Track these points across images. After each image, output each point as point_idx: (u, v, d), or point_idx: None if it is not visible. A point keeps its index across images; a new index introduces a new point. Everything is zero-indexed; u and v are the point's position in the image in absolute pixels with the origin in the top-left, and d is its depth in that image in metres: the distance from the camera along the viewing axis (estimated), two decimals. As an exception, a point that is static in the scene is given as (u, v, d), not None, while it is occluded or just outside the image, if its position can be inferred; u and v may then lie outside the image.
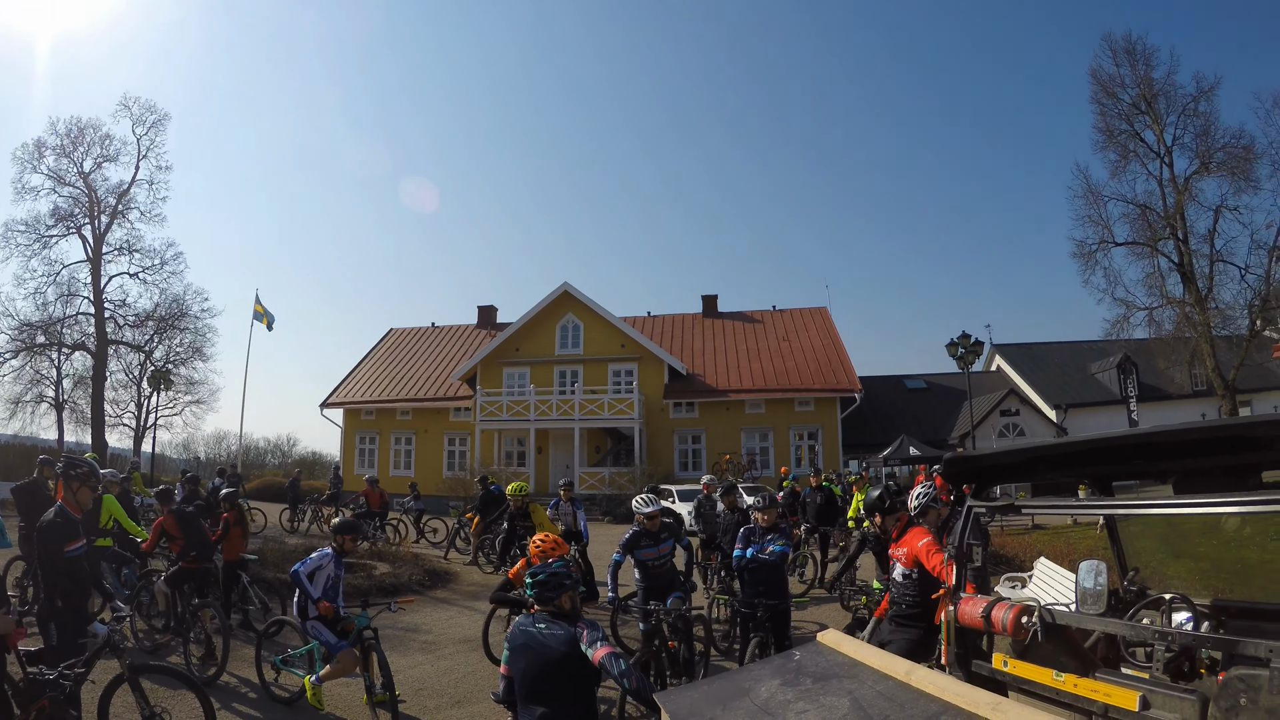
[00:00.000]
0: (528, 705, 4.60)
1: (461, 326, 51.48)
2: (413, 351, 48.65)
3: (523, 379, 41.61)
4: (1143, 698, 3.63)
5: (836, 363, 41.84)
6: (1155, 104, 36.45)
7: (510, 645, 4.73)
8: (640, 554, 8.99)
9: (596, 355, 41.86)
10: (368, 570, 16.08)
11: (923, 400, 46.96)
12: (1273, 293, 34.02)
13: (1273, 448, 3.56)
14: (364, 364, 47.99)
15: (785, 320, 47.17)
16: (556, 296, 42.34)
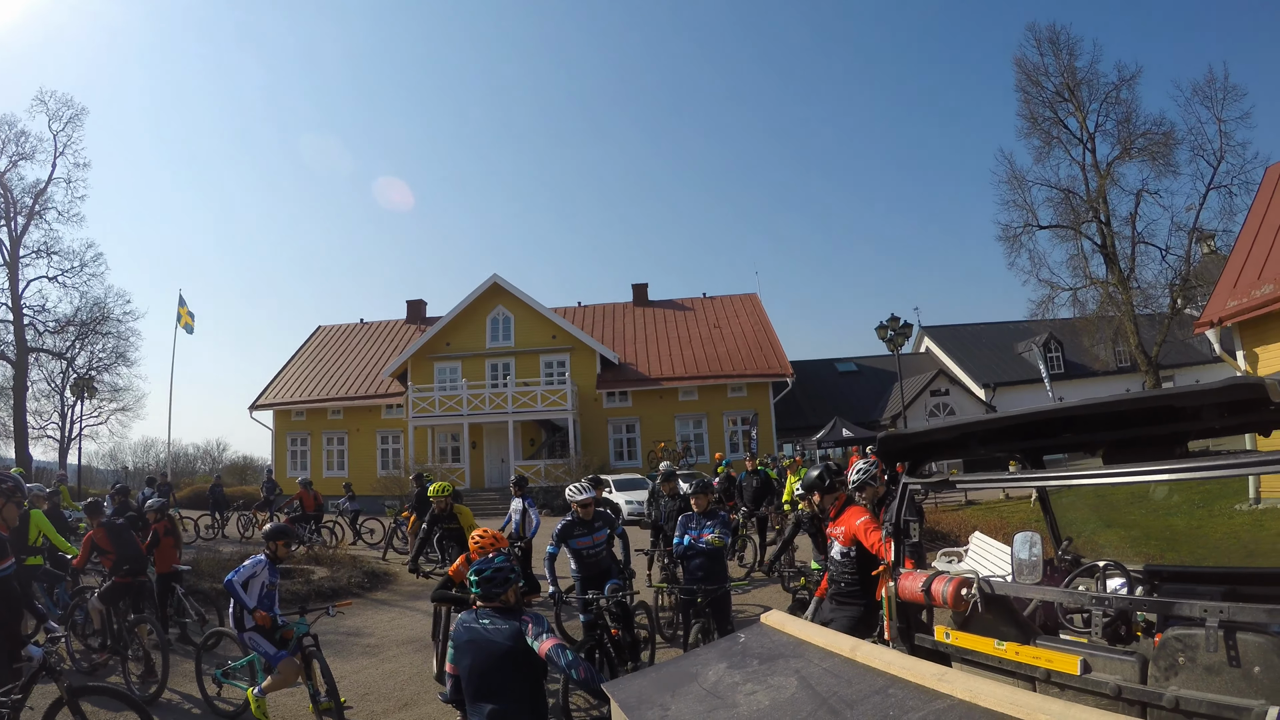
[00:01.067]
0: (476, 702, 4.58)
1: (391, 322, 50.88)
2: (342, 349, 47.92)
3: (454, 373, 41.34)
4: (1083, 661, 3.69)
5: (768, 348, 42.21)
6: (1078, 92, 37.57)
7: (455, 643, 4.70)
8: (574, 543, 8.95)
9: (528, 347, 41.68)
10: (305, 575, 15.89)
11: (854, 383, 47.58)
12: (1193, 272, 35.16)
13: (1196, 417, 3.63)
14: (293, 363, 47.12)
15: (716, 307, 47.44)
16: (486, 289, 42.04)
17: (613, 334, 45.18)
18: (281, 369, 46.65)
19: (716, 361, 41.61)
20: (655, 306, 48.35)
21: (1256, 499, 17.54)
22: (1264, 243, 18.19)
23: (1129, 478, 3.94)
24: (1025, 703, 2.58)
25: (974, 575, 4.47)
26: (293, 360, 47.48)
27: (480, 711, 4.54)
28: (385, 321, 51.12)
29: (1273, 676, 3.08)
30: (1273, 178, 20.30)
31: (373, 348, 47.44)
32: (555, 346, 41.60)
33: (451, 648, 4.71)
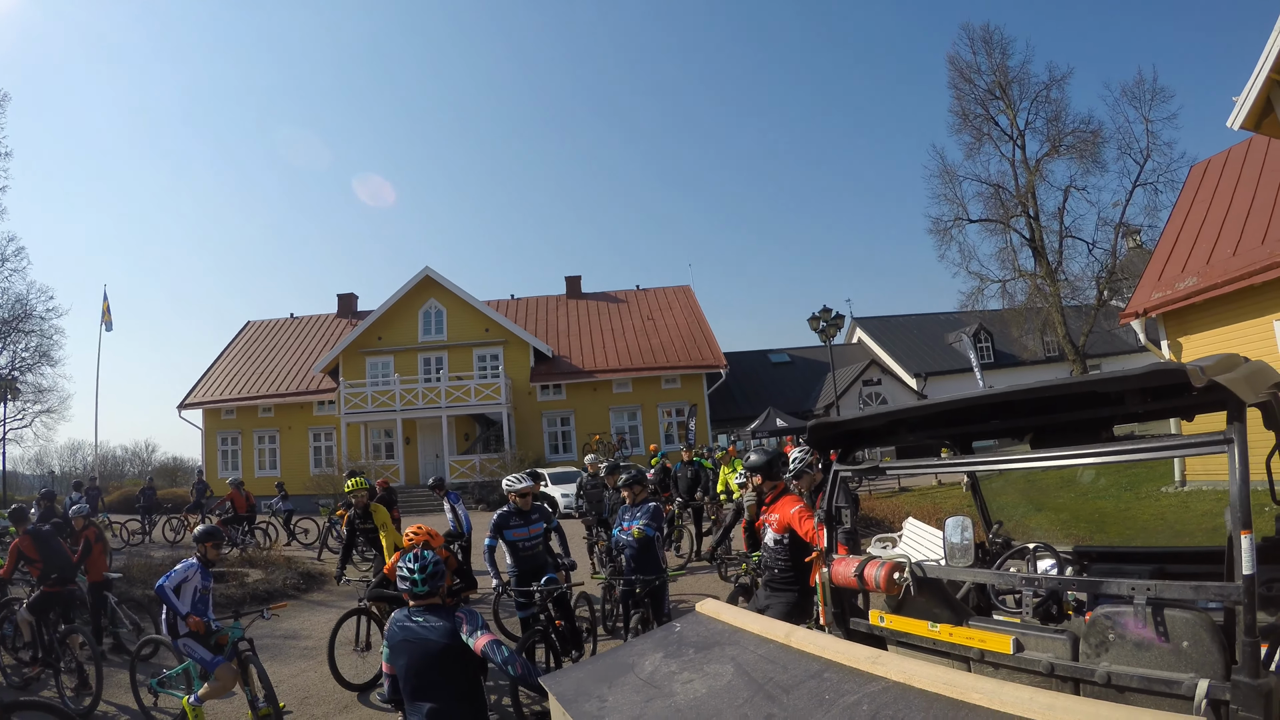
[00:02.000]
0: (414, 701, 4.55)
1: (321, 316, 50.01)
2: (272, 345, 46.93)
3: (386, 368, 40.90)
4: (1016, 640, 3.75)
5: (701, 340, 42.41)
6: (1009, 90, 38.61)
7: (389, 642, 4.66)
8: (510, 534, 8.89)
9: (461, 340, 41.40)
10: (239, 578, 15.66)
11: (787, 373, 48.05)
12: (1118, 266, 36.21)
13: (1121, 403, 3.70)
14: (222, 360, 45.94)
15: (649, 299, 47.59)
16: (418, 282, 41.63)
17: (546, 327, 44.99)
18: (210, 366, 45.45)
19: (650, 353, 41.73)
20: (589, 299, 48.31)
21: (1182, 482, 18.01)
22: (1188, 238, 18.82)
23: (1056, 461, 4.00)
24: (959, 682, 2.60)
25: (906, 560, 4.51)
26: (222, 357, 46.34)
27: (419, 710, 4.51)
28: (316, 316, 50.21)
29: (1201, 651, 3.14)
30: (1197, 176, 21.03)
31: (303, 343, 46.60)
32: (488, 340, 41.36)
33: (386, 647, 4.68)
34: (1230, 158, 19.92)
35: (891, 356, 47.47)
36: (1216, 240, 17.67)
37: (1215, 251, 17.37)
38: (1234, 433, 3.07)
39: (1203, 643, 3.16)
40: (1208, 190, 19.68)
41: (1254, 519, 2.92)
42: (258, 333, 48.71)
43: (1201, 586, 3.18)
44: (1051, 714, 2.29)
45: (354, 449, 38.44)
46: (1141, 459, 3.62)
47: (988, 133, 39.02)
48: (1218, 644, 3.13)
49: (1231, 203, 18.25)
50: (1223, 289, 16.11)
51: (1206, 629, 3.17)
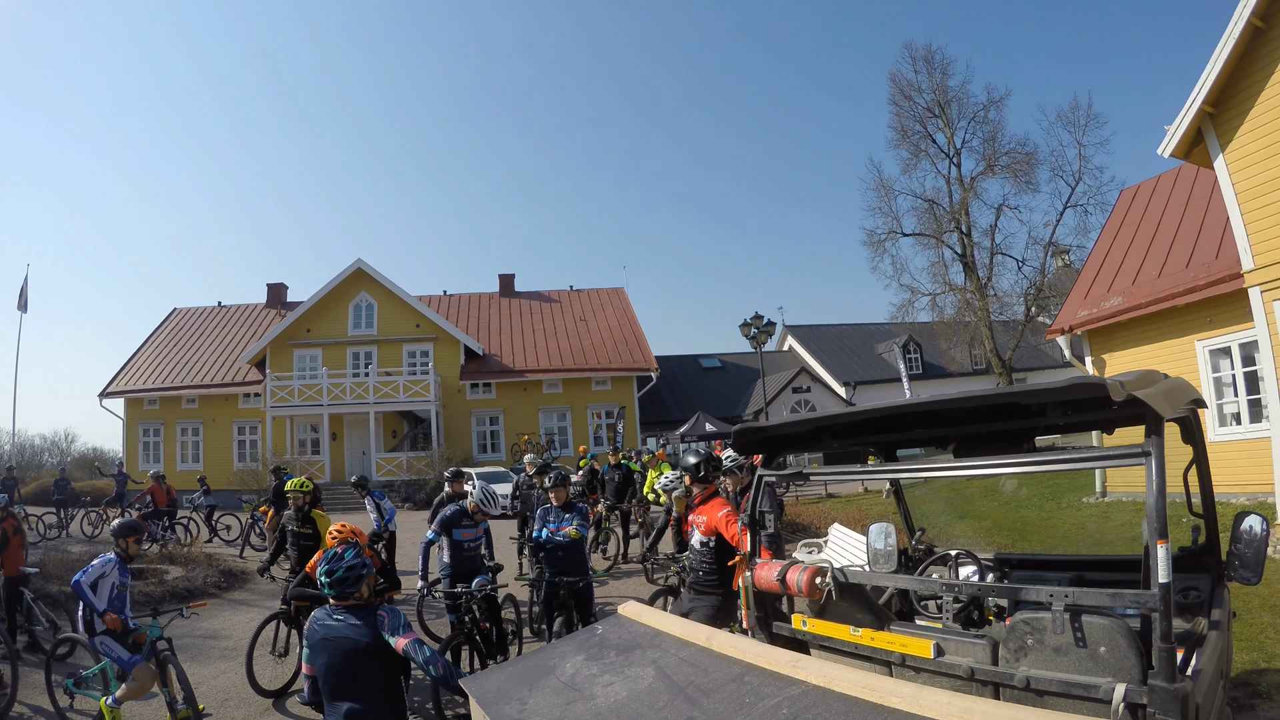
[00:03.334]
0: (333, 701, 4.47)
1: (250, 306, 48.89)
2: (199, 333, 45.66)
3: (315, 361, 40.23)
4: (936, 645, 3.79)
5: (633, 342, 42.47)
6: (948, 109, 39.63)
7: (309, 642, 4.56)
8: (458, 534, 8.89)
9: (391, 335, 40.96)
10: (158, 575, 15.26)
11: (718, 378, 48.41)
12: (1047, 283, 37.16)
13: (1042, 414, 3.76)
14: (146, 348, 44.54)
15: (582, 300, 47.58)
16: (349, 274, 41.07)
17: (478, 324, 44.73)
18: (134, 354, 44.05)
19: (582, 354, 41.71)
20: (522, 298, 48.11)
21: (1102, 493, 18.55)
22: (1115, 259, 19.43)
23: (979, 470, 4.06)
24: (878, 686, 2.61)
25: (828, 564, 4.53)
26: (146, 344, 44.95)
27: (337, 711, 4.44)
28: (245, 305, 49.07)
29: (1118, 655, 3.20)
30: (1126, 199, 21.74)
31: (231, 333, 45.50)
32: (419, 336, 41.00)
33: (306, 647, 4.58)
34: (1160, 184, 20.51)
35: (822, 365, 48.05)
36: (1142, 262, 18.18)
37: (1141, 273, 17.88)
38: (1152, 446, 3.13)
39: (1120, 648, 3.21)
40: (1136, 214, 20.27)
41: (1170, 529, 2.98)
42: (184, 320, 47.40)
43: (1119, 594, 3.24)
44: (969, 717, 2.30)
45: (279, 444, 37.85)
46: (1062, 469, 3.69)
47: (925, 149, 39.95)
48: (1134, 649, 3.19)
49: (1159, 227, 18.79)
50: (1147, 309, 16.61)
51: (1123, 635, 3.22)
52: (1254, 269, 11.97)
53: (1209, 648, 3.64)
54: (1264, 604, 8.95)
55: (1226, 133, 12.52)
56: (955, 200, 39.07)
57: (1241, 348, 15.27)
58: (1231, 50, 11.97)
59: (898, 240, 40.64)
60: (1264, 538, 4.16)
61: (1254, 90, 12.07)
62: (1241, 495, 14.34)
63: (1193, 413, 4.29)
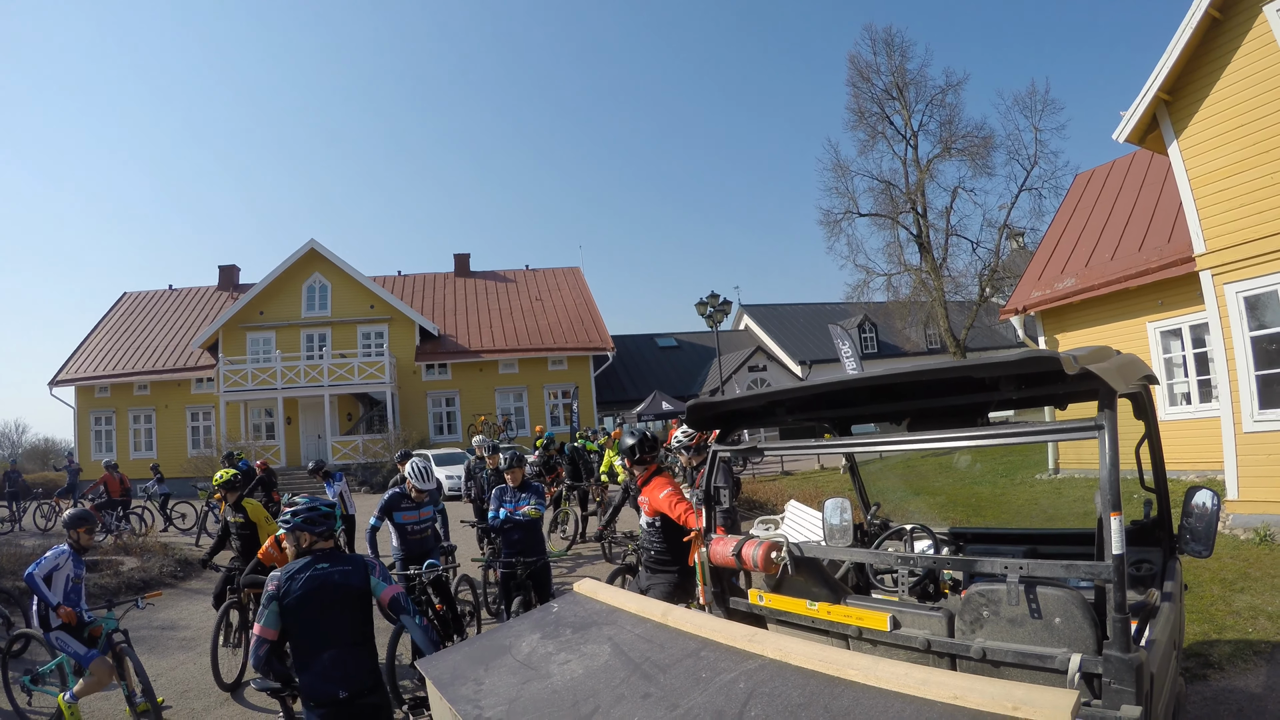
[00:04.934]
0: (314, 651, 4.45)
1: (202, 288, 48.25)
2: (149, 318, 45.04)
3: (268, 344, 39.85)
4: (893, 618, 3.81)
5: (589, 321, 42.51)
6: (906, 92, 39.90)
7: (289, 596, 4.46)
8: (399, 517, 8.80)
9: (345, 317, 40.69)
10: (113, 567, 15.03)
11: (674, 358, 48.55)
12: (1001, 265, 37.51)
13: (995, 388, 3.78)
14: (96, 334, 43.84)
15: (538, 280, 47.56)
16: (302, 255, 40.70)
17: (433, 305, 44.62)
18: (84, 340, 43.32)
19: (538, 334, 41.72)
20: (477, 278, 48.02)
21: (1055, 469, 18.87)
22: (1069, 241, 19.73)
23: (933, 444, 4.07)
24: (835, 659, 2.61)
25: (784, 539, 4.54)
26: (96, 330, 44.21)
27: (319, 660, 4.43)
28: (196, 288, 48.43)
29: (1073, 626, 3.24)
30: (1081, 184, 22.04)
31: (182, 316, 44.91)
32: (374, 317, 40.77)
33: (276, 607, 4.45)
34: (1114, 169, 20.78)
35: (778, 344, 48.32)
36: (1096, 245, 18.45)
37: (1094, 255, 18.13)
38: (1105, 419, 3.15)
39: (1074, 619, 3.24)
40: (1090, 198, 20.56)
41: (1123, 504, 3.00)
42: (135, 305, 46.70)
43: (1073, 565, 3.27)
44: (926, 688, 2.31)
45: (233, 429, 37.46)
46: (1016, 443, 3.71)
47: (882, 131, 40.15)
48: (1089, 620, 3.22)
49: (1112, 211, 19.07)
50: (1099, 290, 16.90)
51: (1078, 606, 3.25)
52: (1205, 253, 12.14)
53: (1162, 619, 3.69)
54: (1214, 577, 9.12)
55: (1181, 120, 12.67)
56: (912, 182, 39.32)
57: (1192, 329, 15.61)
58: (1189, 39, 12.11)
59: (854, 220, 40.85)
60: (1215, 512, 4.22)
61: (1209, 79, 12.23)
62: (1191, 473, 14.67)
63: (1145, 389, 4.33)
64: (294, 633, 4.49)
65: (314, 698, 4.42)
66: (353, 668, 4.49)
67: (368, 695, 4.51)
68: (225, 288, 47.76)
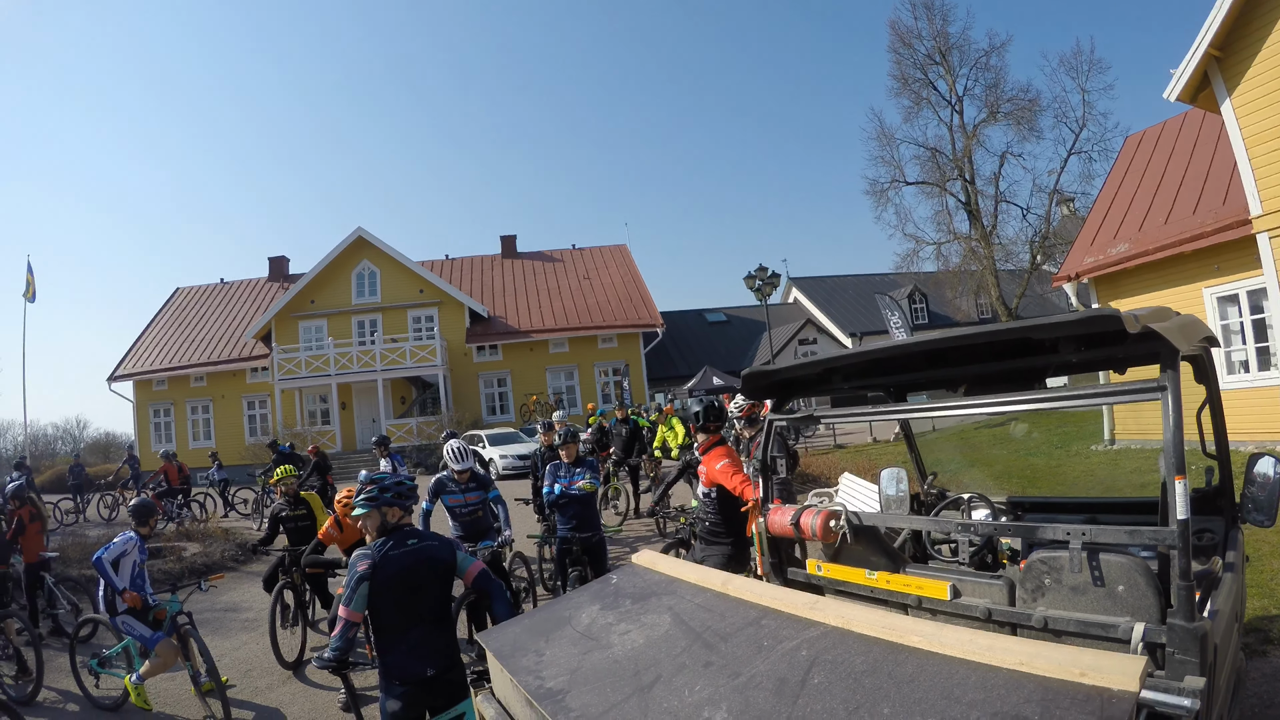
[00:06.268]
0: (403, 629, 4.46)
1: (252, 281, 49.08)
2: (203, 311, 45.89)
3: (320, 332, 40.37)
4: (953, 586, 3.77)
5: (638, 298, 42.49)
6: (949, 56, 38.98)
7: (378, 576, 4.41)
8: (447, 500, 8.84)
9: (395, 302, 41.00)
10: (177, 552, 15.37)
11: (723, 332, 48.40)
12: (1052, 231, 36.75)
13: (1054, 350, 3.72)
14: (151, 329, 44.85)
15: (585, 259, 47.56)
16: (350, 243, 41.08)
17: (482, 287, 44.80)
18: (139, 336, 44.35)
19: (587, 313, 41.76)
20: (524, 258, 48.12)
21: (1111, 440, 18.48)
22: (1120, 206, 19.25)
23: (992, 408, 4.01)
24: (897, 626, 2.60)
25: (842, 507, 4.51)
26: (151, 326, 45.25)
27: (406, 640, 4.44)
28: (247, 280, 49.26)
29: (1136, 594, 3.18)
30: (1132, 146, 21.42)
31: (235, 309, 45.71)
32: (423, 301, 41.06)
33: (367, 588, 4.38)
34: (1165, 130, 20.26)
35: (827, 316, 48.00)
36: (1149, 209, 18.03)
37: (1147, 220, 17.73)
38: (1168, 380, 3.09)
39: (1138, 587, 3.19)
40: (1142, 160, 20.06)
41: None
42: (188, 300, 47.62)
43: (1136, 530, 3.21)
44: (991, 654, 2.29)
45: (289, 416, 38.03)
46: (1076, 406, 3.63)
47: (926, 97, 39.49)
48: (1153, 588, 3.17)
49: (1165, 173, 18.60)
50: (1154, 255, 16.52)
51: (1142, 573, 3.20)
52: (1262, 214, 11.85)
53: (1225, 589, 3.59)
54: (1275, 550, 8.86)
55: (1233, 76, 12.36)
56: (958, 148, 38.71)
57: (1250, 295, 15.15)
58: (1237, -8, 11.80)
59: (901, 189, 40.34)
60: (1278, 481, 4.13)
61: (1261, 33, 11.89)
62: (1250, 443, 14.18)
63: (1206, 351, 4.24)
64: (383, 612, 4.46)
65: (400, 676, 4.41)
66: (439, 645, 4.52)
67: (449, 671, 4.53)
68: (276, 279, 48.41)
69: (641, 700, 2.57)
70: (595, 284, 44.31)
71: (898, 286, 47.59)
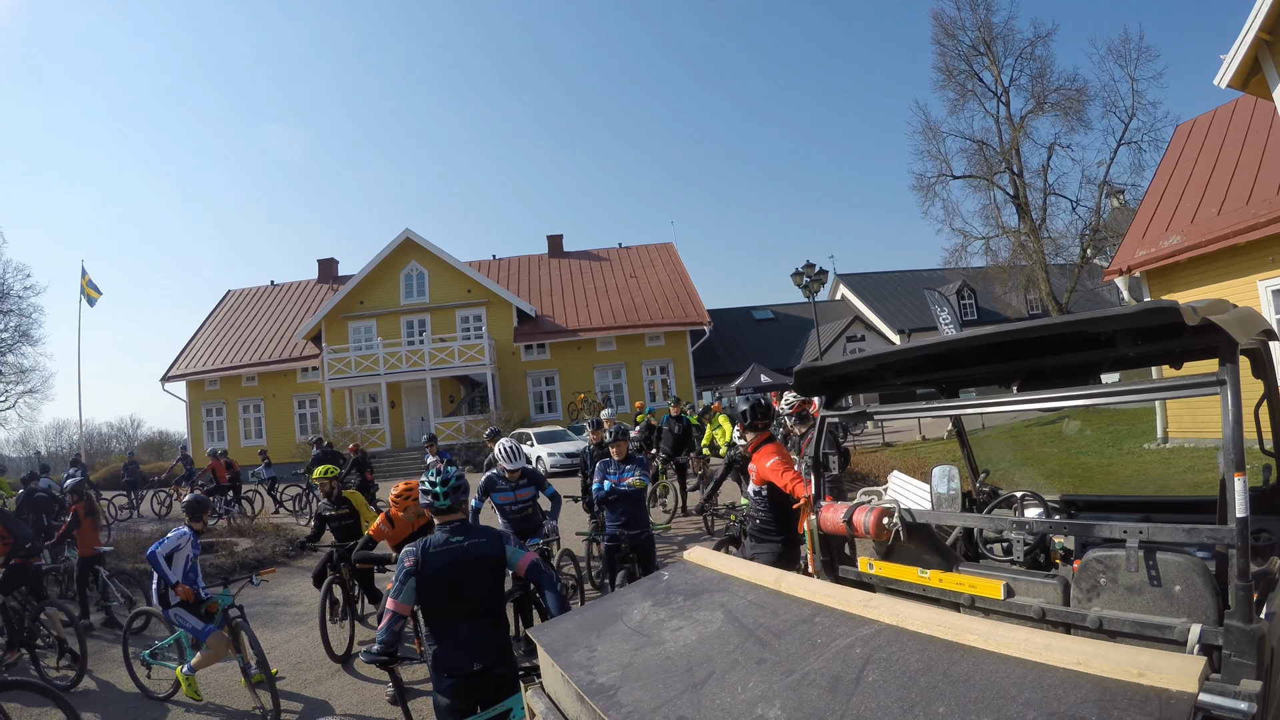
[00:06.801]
0: (451, 623, 4.51)
1: (302, 283, 49.76)
2: (253, 313, 46.68)
3: (369, 332, 40.74)
4: (1006, 585, 3.73)
5: (685, 296, 42.38)
6: (994, 46, 38.22)
7: (426, 570, 4.49)
8: (497, 498, 8.89)
9: (443, 302, 41.25)
10: (229, 547, 15.69)
11: (771, 330, 48.20)
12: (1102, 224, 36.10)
13: (1111, 344, 3.66)
14: (203, 331, 45.68)
15: (632, 257, 47.53)
16: (398, 244, 41.40)
17: (529, 286, 44.91)
18: (192, 337, 45.18)
19: (634, 311, 41.75)
20: (571, 258, 48.22)
21: (1164, 439, 18.15)
22: (1172, 196, 18.84)
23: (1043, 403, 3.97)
24: (952, 624, 2.58)
25: (895, 504, 4.48)
26: (203, 328, 46.05)
27: (455, 634, 4.49)
28: (296, 282, 49.94)
29: (1193, 594, 3.13)
30: (1182, 135, 20.93)
31: (285, 310, 46.39)
32: (471, 301, 41.26)
33: (414, 583, 4.47)
34: (1216, 118, 19.84)
35: (875, 313, 47.63)
36: (1201, 199, 17.67)
37: (1200, 211, 17.39)
38: (1226, 374, 3.04)
39: (1195, 587, 3.15)
40: (1193, 149, 19.64)
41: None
42: (238, 302, 48.38)
43: (1194, 529, 3.16)
44: (1048, 653, 2.27)
45: (339, 414, 38.40)
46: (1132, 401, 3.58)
47: (971, 89, 38.79)
48: (1210, 588, 3.12)
49: (1217, 162, 18.22)
50: (1207, 248, 16.18)
51: (1199, 573, 3.15)
52: (1318, 203, 11.57)
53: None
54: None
55: (1285, 61, 12.13)
56: (1005, 140, 38.01)
57: (1305, 287, 14.77)
58: (1287, -25, 11.55)
59: (948, 183, 39.65)
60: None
61: (1312, 16, 11.66)
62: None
63: (1264, 344, 4.15)
64: (431, 606, 4.53)
65: (448, 669, 4.46)
66: (487, 639, 4.54)
67: (498, 666, 4.54)
68: (325, 280, 49.01)
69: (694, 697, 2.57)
70: (642, 282, 44.27)
71: (946, 282, 47.09)
